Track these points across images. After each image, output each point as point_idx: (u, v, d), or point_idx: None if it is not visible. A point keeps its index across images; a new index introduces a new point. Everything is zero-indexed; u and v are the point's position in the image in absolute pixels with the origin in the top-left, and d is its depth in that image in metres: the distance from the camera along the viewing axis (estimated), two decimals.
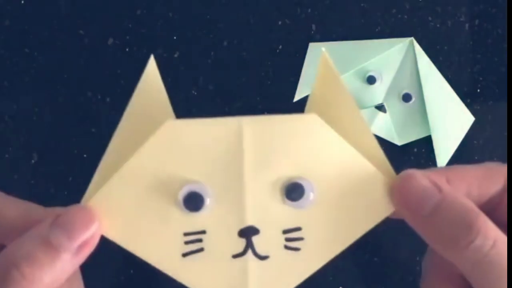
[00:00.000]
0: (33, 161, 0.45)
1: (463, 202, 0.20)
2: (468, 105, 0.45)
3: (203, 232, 0.21)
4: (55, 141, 0.45)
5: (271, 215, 0.21)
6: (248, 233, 0.21)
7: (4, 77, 0.45)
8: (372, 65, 0.44)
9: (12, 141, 0.45)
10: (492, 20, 0.45)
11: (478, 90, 0.45)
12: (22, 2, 0.45)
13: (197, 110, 0.45)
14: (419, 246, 0.48)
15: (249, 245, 0.22)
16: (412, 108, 0.45)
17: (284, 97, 0.45)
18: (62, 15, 0.45)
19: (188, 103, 0.45)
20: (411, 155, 0.45)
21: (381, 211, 0.22)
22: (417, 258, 0.45)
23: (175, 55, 0.45)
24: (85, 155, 0.45)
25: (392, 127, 0.45)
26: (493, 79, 0.45)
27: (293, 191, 0.21)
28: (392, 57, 0.44)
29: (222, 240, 0.21)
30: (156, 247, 0.22)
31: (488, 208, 0.21)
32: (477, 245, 0.19)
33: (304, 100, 0.45)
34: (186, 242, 0.22)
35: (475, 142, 0.45)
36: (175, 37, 0.45)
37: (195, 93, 0.45)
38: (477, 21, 0.45)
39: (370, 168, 0.22)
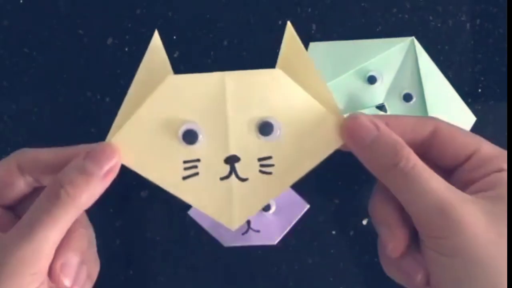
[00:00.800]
0: None
1: (394, 137, 0.27)
2: (469, 105, 0.45)
3: (198, 160, 0.29)
4: (55, 141, 0.45)
5: (248, 146, 0.29)
6: (231, 160, 0.29)
7: (3, 77, 0.45)
8: (372, 65, 0.44)
9: (12, 141, 0.45)
10: (493, 20, 0.45)
11: (479, 90, 0.45)
12: (21, 1, 0.45)
13: None
14: None
15: (233, 170, 0.29)
16: (413, 108, 0.45)
17: None
18: (61, 15, 0.45)
19: None
20: None
21: (332, 144, 0.29)
22: None
23: (175, 55, 0.45)
24: None
25: None
26: (494, 79, 0.45)
27: (265, 128, 0.28)
28: (393, 56, 0.44)
29: (212, 166, 0.29)
30: (163, 172, 0.28)
31: (421, 151, 0.27)
32: (401, 166, 0.26)
33: None
34: (185, 168, 0.29)
35: None
36: (175, 37, 0.45)
37: None
38: (478, 21, 0.45)
39: (324, 111, 0.28)
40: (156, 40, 0.30)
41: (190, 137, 0.28)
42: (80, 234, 0.29)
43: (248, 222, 0.41)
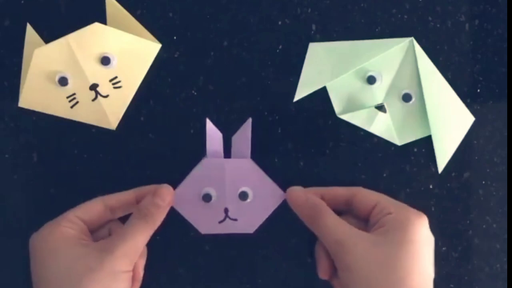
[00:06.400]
0: (33, 161, 0.45)
1: (317, 201, 0.40)
2: (468, 105, 0.45)
3: (74, 94, 0.44)
4: (55, 141, 0.45)
5: (100, 74, 0.43)
6: (94, 86, 0.43)
7: (3, 77, 0.45)
8: (372, 65, 0.44)
9: (12, 141, 0.45)
10: (492, 20, 0.45)
11: (478, 90, 0.45)
12: (22, 2, 0.45)
13: (197, 110, 0.45)
14: None
15: (97, 93, 0.44)
16: (412, 108, 0.45)
17: (284, 97, 0.45)
18: (62, 15, 0.45)
19: (188, 103, 0.45)
20: (411, 155, 0.45)
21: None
22: None
23: (175, 55, 0.45)
24: (85, 155, 0.45)
25: (392, 127, 0.45)
26: (493, 79, 0.45)
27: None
28: (392, 57, 0.44)
29: (84, 94, 0.44)
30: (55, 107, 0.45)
31: (347, 207, 0.41)
32: (316, 216, 0.39)
33: (304, 100, 0.45)
34: (69, 101, 0.44)
35: (475, 142, 0.46)
36: (175, 37, 0.45)
37: (195, 93, 0.45)
38: (477, 21, 0.45)
39: (142, 40, 0.44)
40: (30, 31, 0.44)
41: (63, 81, 0.43)
42: (144, 250, 0.41)
43: (226, 210, 0.42)
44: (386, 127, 0.45)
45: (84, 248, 0.37)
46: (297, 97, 0.44)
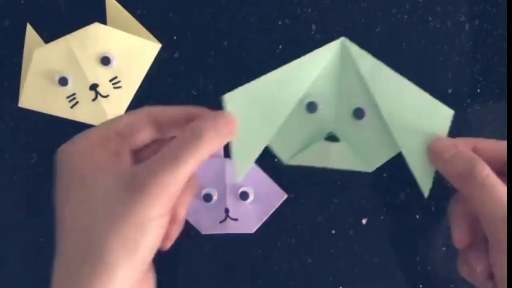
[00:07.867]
0: (33, 161, 0.45)
1: (469, 153, 0.31)
2: (468, 105, 0.45)
3: (74, 94, 0.44)
4: (55, 141, 0.45)
5: (101, 75, 0.44)
6: (94, 86, 0.44)
7: (3, 77, 0.45)
8: (309, 89, 0.33)
9: (12, 141, 0.45)
10: (492, 20, 0.45)
11: (478, 90, 0.45)
12: (22, 1, 0.45)
13: None
14: (419, 246, 0.48)
15: (97, 93, 0.44)
16: (370, 125, 0.34)
17: None
18: (62, 15, 0.45)
19: (188, 103, 0.45)
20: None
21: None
22: (417, 258, 0.45)
23: (175, 55, 0.45)
24: None
25: (353, 154, 0.34)
26: (493, 79, 0.45)
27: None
28: (327, 69, 0.33)
29: (84, 94, 0.44)
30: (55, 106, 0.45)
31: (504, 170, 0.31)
32: (476, 175, 0.29)
33: None
34: (69, 101, 0.45)
35: None
36: (175, 37, 0.45)
37: (195, 93, 0.45)
38: (477, 21, 0.45)
39: (142, 40, 0.45)
40: (30, 31, 0.44)
41: (63, 81, 0.43)
42: (195, 181, 0.31)
43: (227, 210, 0.42)
44: (346, 157, 0.35)
45: (113, 179, 0.28)
46: (239, 176, 0.33)
